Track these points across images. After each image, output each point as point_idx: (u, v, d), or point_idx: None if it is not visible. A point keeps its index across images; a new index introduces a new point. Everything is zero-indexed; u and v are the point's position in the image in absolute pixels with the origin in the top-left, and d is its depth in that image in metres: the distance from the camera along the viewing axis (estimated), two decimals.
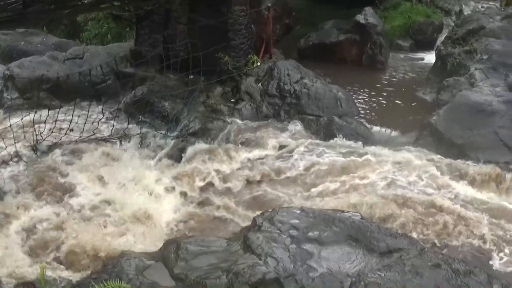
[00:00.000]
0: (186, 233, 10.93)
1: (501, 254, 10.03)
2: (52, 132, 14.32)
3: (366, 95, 17.24)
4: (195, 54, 15.34)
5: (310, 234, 8.65)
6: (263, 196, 12.33)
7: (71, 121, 14.62)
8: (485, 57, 16.62)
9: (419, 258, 8.42)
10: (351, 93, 16.85)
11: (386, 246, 8.62)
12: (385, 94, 17.60)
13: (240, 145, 14.01)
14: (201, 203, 12.13)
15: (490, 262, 9.86)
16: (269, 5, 17.42)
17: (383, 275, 7.99)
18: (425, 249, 8.88)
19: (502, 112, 14.39)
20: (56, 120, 14.63)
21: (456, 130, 14.05)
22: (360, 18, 20.46)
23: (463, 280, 8.00)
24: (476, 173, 12.84)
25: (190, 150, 13.68)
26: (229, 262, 8.14)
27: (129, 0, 17.39)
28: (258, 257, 8.15)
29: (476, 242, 10.43)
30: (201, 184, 12.69)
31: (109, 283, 7.42)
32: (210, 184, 12.68)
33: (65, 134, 14.30)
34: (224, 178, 12.78)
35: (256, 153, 13.73)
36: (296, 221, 8.92)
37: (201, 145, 13.90)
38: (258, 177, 12.94)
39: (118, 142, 14.38)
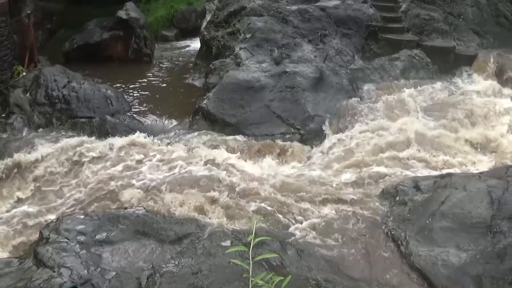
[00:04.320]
0: None
1: (297, 225, 10.13)
2: None
3: (137, 89, 17.29)
4: None
5: (98, 236, 8.66)
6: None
7: None
8: (248, 36, 17.13)
9: (209, 239, 8.70)
10: (121, 89, 16.75)
11: (174, 234, 8.84)
12: (155, 85, 17.81)
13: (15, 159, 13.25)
14: None
15: (289, 231, 9.94)
16: (29, 12, 16.92)
17: (177, 262, 8.20)
18: (214, 230, 9.15)
19: (270, 86, 14.93)
20: None
21: (228, 110, 14.34)
22: (121, 13, 20.47)
23: (256, 251, 8.23)
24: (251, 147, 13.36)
25: None
26: (25, 281, 7.95)
27: None
28: (51, 269, 8.02)
29: (274, 213, 10.49)
30: None
31: None
32: None
33: None
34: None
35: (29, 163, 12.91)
36: (82, 226, 8.86)
37: None
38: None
39: None
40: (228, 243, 8.55)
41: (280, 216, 10.38)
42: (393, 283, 8.52)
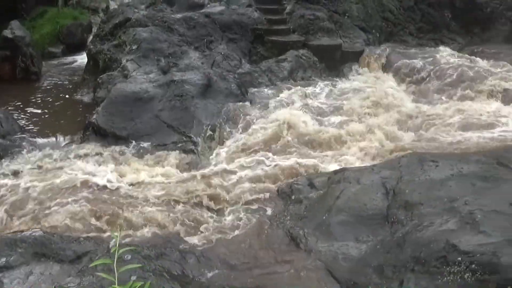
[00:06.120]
0: None
1: (194, 231, 10.21)
2: None
3: (26, 109, 16.93)
4: None
5: None
6: None
7: None
8: (134, 47, 17.17)
9: (108, 255, 8.65)
10: (10, 110, 16.36)
11: (73, 252, 8.78)
12: (44, 103, 17.49)
13: None
14: None
15: (187, 238, 9.95)
16: None
17: (78, 281, 8.14)
18: (113, 246, 9.13)
19: (159, 96, 14.89)
20: None
21: (118, 123, 14.17)
22: (7, 33, 20.01)
23: (156, 263, 8.40)
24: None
25: None
26: None
27: None
28: None
29: (168, 222, 10.48)
30: None
31: None
32: None
33: None
34: None
35: None
36: None
37: None
38: None
39: None
40: (129, 257, 8.56)
41: (175, 225, 10.42)
42: (297, 280, 8.65)
